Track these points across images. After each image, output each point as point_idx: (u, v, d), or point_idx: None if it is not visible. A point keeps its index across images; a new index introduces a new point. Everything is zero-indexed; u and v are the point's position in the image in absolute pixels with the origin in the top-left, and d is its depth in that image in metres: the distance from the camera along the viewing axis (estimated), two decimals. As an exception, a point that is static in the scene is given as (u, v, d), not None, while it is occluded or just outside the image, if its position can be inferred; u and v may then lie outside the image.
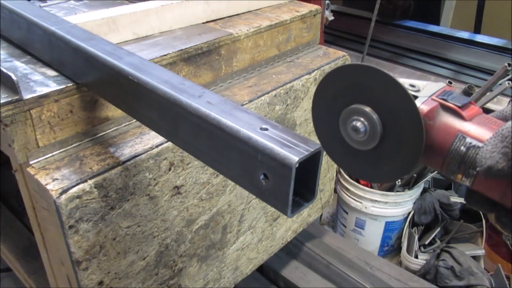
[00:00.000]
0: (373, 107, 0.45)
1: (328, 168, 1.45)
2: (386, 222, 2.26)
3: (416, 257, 2.15)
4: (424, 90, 0.48)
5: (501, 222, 0.45)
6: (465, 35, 2.82)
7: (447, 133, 0.45)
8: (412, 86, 0.48)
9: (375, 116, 0.45)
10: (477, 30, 2.98)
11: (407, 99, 0.43)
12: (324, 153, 0.51)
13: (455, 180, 0.45)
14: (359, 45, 2.81)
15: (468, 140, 0.44)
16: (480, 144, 0.43)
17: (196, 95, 0.60)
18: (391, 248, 2.41)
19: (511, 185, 0.41)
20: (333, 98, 0.48)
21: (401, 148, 0.45)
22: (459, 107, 0.46)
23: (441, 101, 0.46)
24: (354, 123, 0.47)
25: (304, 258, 1.61)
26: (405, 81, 0.47)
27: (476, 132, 0.44)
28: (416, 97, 0.47)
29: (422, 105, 0.46)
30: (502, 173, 0.40)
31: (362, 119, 0.46)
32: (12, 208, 1.52)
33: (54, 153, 0.83)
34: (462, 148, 0.44)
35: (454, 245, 2.17)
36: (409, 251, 2.19)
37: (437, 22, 3.24)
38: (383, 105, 0.45)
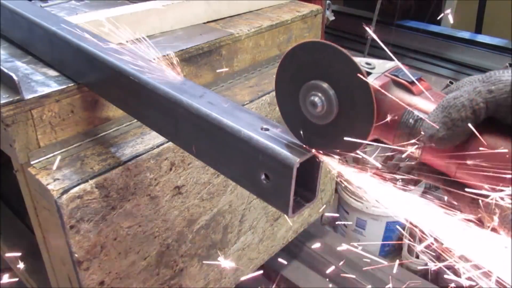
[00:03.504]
0: (330, 83, 0.47)
1: (329, 168, 1.45)
2: (387, 222, 2.26)
3: (417, 257, 2.15)
4: (378, 67, 0.50)
5: (447, 191, 0.47)
6: (466, 35, 2.81)
7: (398, 107, 0.48)
8: (368, 64, 0.50)
9: (331, 92, 0.47)
10: (478, 30, 2.98)
11: (360, 75, 0.45)
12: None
13: (407, 153, 0.47)
14: (359, 45, 2.81)
15: (416, 113, 0.46)
16: (426, 116, 0.45)
17: (197, 95, 0.60)
18: (392, 248, 2.41)
19: (455, 156, 0.43)
20: (294, 74, 0.50)
21: (355, 122, 0.47)
22: (409, 83, 0.48)
23: (393, 77, 0.49)
24: (312, 98, 0.49)
25: (304, 258, 1.61)
26: (362, 60, 0.50)
27: (423, 105, 0.47)
28: (370, 73, 0.49)
29: (375, 80, 0.49)
30: (443, 141, 0.43)
31: (319, 94, 0.48)
32: (13, 208, 1.52)
33: (55, 153, 0.83)
34: (410, 120, 0.47)
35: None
36: (410, 251, 2.19)
37: (438, 22, 3.24)
38: (339, 81, 0.47)
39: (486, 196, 0.41)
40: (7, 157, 0.84)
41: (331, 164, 0.50)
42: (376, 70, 0.50)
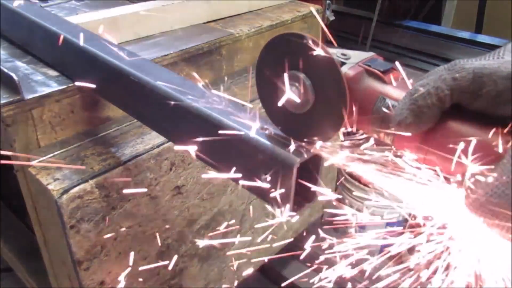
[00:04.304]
0: (306, 73, 0.49)
1: (329, 168, 1.45)
2: (387, 223, 2.26)
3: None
4: (354, 58, 0.51)
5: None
6: (466, 35, 2.81)
7: (370, 95, 0.49)
8: (343, 54, 0.52)
9: (308, 82, 0.49)
10: (478, 30, 2.98)
11: (333, 65, 0.47)
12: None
13: (380, 139, 0.49)
14: (360, 45, 2.81)
15: (388, 101, 0.48)
16: (396, 104, 0.47)
17: (198, 95, 0.60)
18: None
19: (424, 141, 0.44)
20: (273, 65, 0.52)
21: (330, 110, 0.49)
22: (381, 72, 0.50)
23: (366, 67, 0.50)
24: (290, 88, 0.50)
25: (305, 258, 1.61)
26: (338, 50, 0.51)
27: (394, 93, 0.48)
28: (344, 63, 0.51)
29: (349, 70, 0.50)
30: (410, 127, 0.44)
31: (297, 84, 0.50)
32: (14, 208, 1.52)
33: (55, 153, 0.83)
34: (383, 108, 0.48)
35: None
36: (410, 250, 2.19)
37: (438, 22, 3.24)
38: (315, 71, 0.49)
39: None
40: (7, 157, 0.84)
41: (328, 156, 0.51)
42: (351, 61, 0.51)
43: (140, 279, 0.93)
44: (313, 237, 0.70)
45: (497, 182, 0.37)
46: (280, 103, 0.51)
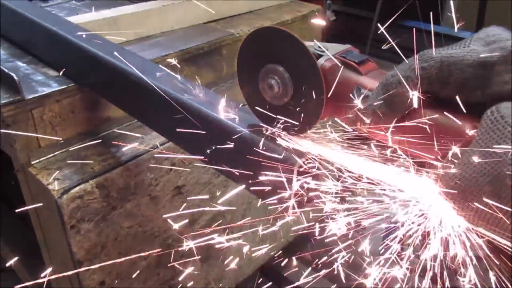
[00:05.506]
0: (285, 66, 0.51)
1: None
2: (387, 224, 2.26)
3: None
4: (331, 50, 0.52)
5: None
6: (466, 35, 2.81)
7: (346, 86, 0.50)
8: (320, 47, 0.53)
9: (286, 75, 0.51)
10: (478, 30, 2.98)
11: (309, 57, 0.48)
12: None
13: (356, 129, 0.50)
14: (360, 45, 2.81)
15: (363, 91, 0.49)
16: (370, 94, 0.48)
17: (198, 95, 0.60)
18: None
19: (397, 129, 0.46)
20: (253, 58, 0.53)
21: (308, 101, 0.50)
22: (356, 63, 0.51)
23: (342, 58, 0.52)
24: (269, 81, 0.52)
25: (305, 258, 1.61)
26: (316, 43, 0.53)
27: (369, 84, 0.49)
28: (321, 55, 0.52)
29: (325, 62, 0.51)
30: (384, 116, 0.46)
31: (276, 77, 0.51)
32: (14, 208, 1.52)
33: (55, 153, 0.83)
34: (357, 98, 0.50)
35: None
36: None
37: (438, 22, 3.23)
38: (293, 64, 0.50)
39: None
40: (7, 157, 0.84)
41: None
42: (328, 53, 0.52)
43: (141, 279, 0.93)
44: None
45: (464, 166, 0.38)
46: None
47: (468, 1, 3.01)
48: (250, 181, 0.53)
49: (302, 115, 0.51)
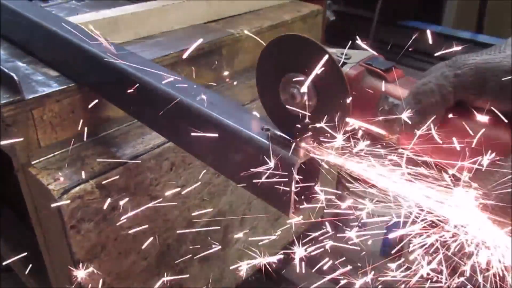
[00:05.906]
0: (307, 75, 0.48)
1: (329, 168, 1.45)
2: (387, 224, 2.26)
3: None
4: (354, 57, 0.51)
5: None
6: (466, 35, 2.81)
7: (373, 94, 0.49)
8: (343, 54, 0.51)
9: (310, 84, 0.48)
10: (479, 30, 2.97)
11: (334, 66, 0.46)
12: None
13: (384, 139, 0.48)
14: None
15: (391, 99, 0.47)
16: (400, 103, 0.46)
17: (198, 95, 0.60)
18: (392, 249, 2.40)
19: (430, 139, 0.44)
20: (274, 66, 0.51)
21: (333, 111, 0.48)
22: (383, 71, 0.49)
23: (367, 66, 0.50)
24: (291, 90, 0.49)
25: (305, 258, 1.60)
26: (338, 50, 0.51)
27: (397, 92, 0.47)
28: (345, 63, 0.50)
29: (350, 70, 0.50)
30: (416, 127, 0.44)
31: (298, 86, 0.49)
32: (14, 208, 1.52)
33: (55, 153, 0.83)
34: (386, 107, 0.48)
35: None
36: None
37: (438, 22, 3.23)
38: (317, 73, 0.47)
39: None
40: (7, 157, 0.84)
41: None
42: (352, 60, 0.51)
43: (141, 279, 0.93)
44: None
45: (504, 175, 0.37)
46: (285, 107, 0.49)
47: (468, 1, 3.01)
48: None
49: (327, 124, 0.49)
